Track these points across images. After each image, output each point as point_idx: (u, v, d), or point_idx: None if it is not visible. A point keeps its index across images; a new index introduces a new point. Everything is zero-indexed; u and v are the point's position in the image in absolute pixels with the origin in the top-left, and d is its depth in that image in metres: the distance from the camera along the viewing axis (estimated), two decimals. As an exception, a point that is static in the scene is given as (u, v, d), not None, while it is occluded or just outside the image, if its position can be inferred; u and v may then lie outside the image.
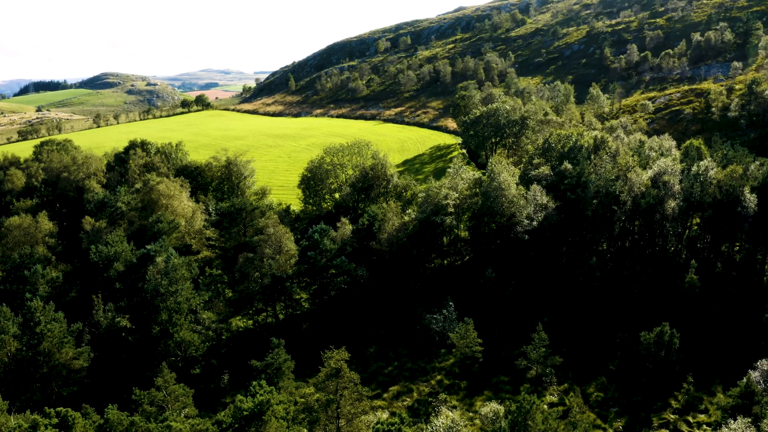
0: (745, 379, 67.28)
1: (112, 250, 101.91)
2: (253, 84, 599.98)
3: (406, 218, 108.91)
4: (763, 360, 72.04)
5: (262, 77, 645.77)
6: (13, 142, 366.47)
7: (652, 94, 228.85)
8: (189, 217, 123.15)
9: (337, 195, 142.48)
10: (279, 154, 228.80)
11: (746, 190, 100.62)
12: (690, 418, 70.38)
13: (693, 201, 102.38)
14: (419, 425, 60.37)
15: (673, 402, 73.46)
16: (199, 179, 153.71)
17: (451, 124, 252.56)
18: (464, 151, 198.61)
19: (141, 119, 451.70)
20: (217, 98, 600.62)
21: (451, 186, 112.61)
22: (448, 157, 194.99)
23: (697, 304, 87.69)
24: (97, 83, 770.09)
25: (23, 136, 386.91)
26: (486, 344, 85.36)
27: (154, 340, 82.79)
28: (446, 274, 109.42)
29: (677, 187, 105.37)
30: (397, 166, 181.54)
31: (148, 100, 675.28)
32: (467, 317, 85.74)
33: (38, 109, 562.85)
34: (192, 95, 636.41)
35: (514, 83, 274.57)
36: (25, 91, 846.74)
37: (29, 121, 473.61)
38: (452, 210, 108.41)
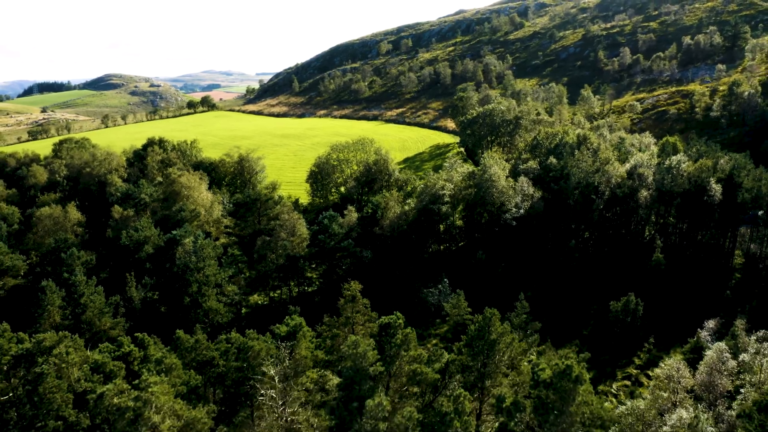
0: (695, 337, 78.57)
1: (142, 235, 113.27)
2: (255, 85, 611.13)
3: (407, 207, 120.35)
4: (710, 320, 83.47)
5: (265, 79, 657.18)
6: (23, 141, 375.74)
7: (641, 95, 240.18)
8: (208, 207, 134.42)
9: (342, 188, 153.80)
10: (285, 153, 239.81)
11: (712, 181, 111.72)
12: (650, 372, 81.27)
13: (664, 190, 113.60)
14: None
15: (636, 360, 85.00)
16: (213, 174, 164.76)
17: (451, 124, 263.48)
18: (462, 149, 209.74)
19: (148, 120, 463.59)
20: (221, 99, 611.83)
21: (447, 178, 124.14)
22: (447, 155, 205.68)
23: (663, 280, 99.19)
24: (100, 84, 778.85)
25: (33, 136, 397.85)
26: (475, 314, 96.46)
27: (184, 309, 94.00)
28: (442, 258, 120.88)
29: (651, 178, 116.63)
30: (399, 163, 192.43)
31: (152, 101, 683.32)
32: (459, 290, 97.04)
33: (43, 110, 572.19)
34: (195, 96, 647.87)
35: (511, 85, 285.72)
36: (29, 92, 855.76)
37: (36, 122, 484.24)
38: (448, 200, 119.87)
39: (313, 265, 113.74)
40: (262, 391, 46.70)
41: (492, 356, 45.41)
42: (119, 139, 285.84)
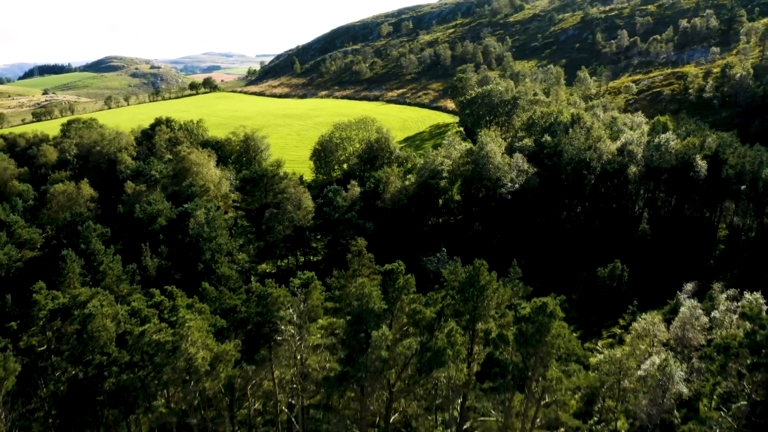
0: (675, 299, 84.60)
1: (155, 208, 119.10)
2: (256, 67, 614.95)
3: (407, 182, 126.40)
4: (689, 283, 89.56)
5: (266, 60, 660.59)
6: (28, 123, 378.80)
7: (637, 77, 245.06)
8: (216, 182, 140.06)
9: (345, 165, 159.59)
10: (288, 132, 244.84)
11: (698, 157, 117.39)
12: (632, 331, 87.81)
13: (653, 166, 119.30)
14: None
15: (620, 321, 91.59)
16: (220, 153, 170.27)
17: (450, 104, 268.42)
18: (461, 128, 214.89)
19: (150, 101, 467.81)
20: (222, 81, 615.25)
21: (446, 155, 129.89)
22: (447, 134, 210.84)
23: (649, 250, 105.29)
24: (101, 66, 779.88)
25: (37, 117, 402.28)
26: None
27: (198, 275, 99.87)
28: (441, 230, 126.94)
29: (640, 155, 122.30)
30: (399, 142, 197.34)
31: (152, 83, 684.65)
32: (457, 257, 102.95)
33: (44, 92, 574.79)
34: (196, 78, 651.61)
35: (510, 66, 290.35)
36: (29, 74, 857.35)
37: (38, 104, 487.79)
38: (447, 175, 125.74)
39: (318, 236, 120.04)
40: (282, 327, 52.99)
41: (481, 301, 51.46)
42: (124, 120, 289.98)
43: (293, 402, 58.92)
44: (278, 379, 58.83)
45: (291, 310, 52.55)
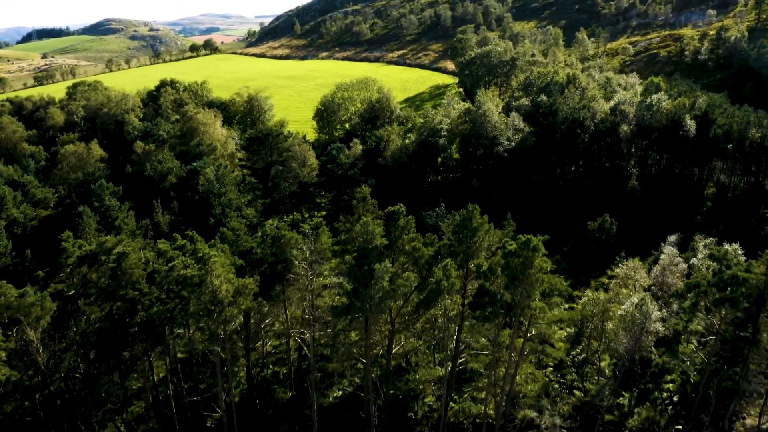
0: (660, 251, 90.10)
1: (165, 167, 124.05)
2: (254, 28, 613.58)
3: (407, 141, 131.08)
4: (672, 235, 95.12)
5: (265, 21, 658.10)
6: (30, 87, 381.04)
7: (635, 39, 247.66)
8: (223, 142, 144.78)
9: (347, 125, 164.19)
10: (290, 94, 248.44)
11: (687, 117, 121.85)
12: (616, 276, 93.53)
13: (644, 125, 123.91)
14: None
15: (608, 271, 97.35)
16: (224, 113, 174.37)
17: (450, 65, 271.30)
18: (461, 89, 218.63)
19: (151, 63, 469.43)
20: (222, 42, 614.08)
21: (445, 114, 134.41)
22: (446, 94, 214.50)
23: (638, 205, 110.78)
24: (100, 29, 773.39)
25: (39, 81, 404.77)
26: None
27: (209, 230, 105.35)
28: (440, 187, 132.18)
29: (632, 115, 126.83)
30: (400, 103, 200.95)
31: (152, 45, 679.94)
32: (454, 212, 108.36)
33: (44, 56, 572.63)
34: (195, 40, 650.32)
35: (509, 27, 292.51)
36: (28, 38, 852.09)
37: (39, 68, 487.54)
38: (445, 134, 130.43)
39: (322, 193, 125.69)
40: (296, 262, 58.75)
41: (474, 241, 56.83)
42: (127, 83, 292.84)
43: (305, 334, 65.00)
44: (290, 317, 65.00)
45: (305, 247, 58.24)
